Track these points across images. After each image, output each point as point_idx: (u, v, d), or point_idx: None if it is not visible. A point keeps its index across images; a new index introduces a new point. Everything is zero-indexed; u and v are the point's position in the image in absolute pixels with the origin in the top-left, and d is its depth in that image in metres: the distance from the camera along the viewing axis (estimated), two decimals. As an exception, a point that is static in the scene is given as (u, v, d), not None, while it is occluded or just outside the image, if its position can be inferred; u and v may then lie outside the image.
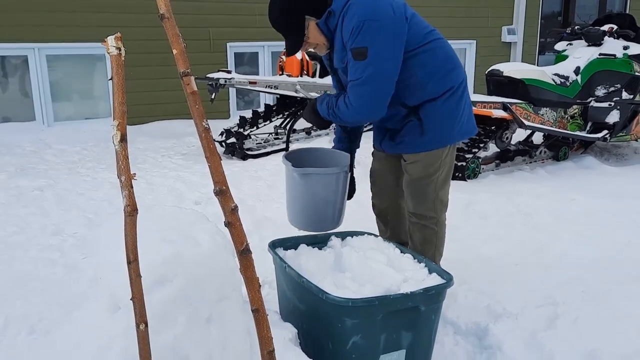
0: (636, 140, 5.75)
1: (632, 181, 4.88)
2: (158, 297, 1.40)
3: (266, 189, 4.55)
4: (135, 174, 1.21)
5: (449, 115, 2.23)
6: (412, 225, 2.43)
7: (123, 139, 1.19)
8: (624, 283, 2.84)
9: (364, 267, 2.06)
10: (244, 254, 1.23)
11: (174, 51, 1.21)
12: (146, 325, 1.16)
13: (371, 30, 1.97)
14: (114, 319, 1.47)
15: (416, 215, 2.39)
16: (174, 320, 1.43)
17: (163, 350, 1.37)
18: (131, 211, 1.18)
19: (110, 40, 1.17)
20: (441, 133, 2.25)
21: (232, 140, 5.77)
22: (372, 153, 2.65)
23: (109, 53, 1.19)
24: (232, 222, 1.23)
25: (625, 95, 5.24)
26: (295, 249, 2.18)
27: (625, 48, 5.27)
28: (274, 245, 2.16)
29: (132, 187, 1.20)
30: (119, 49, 1.18)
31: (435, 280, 1.95)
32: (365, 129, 2.66)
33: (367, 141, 2.68)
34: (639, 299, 2.67)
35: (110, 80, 1.21)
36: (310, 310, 1.89)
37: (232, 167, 5.23)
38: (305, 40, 2.14)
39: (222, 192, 1.23)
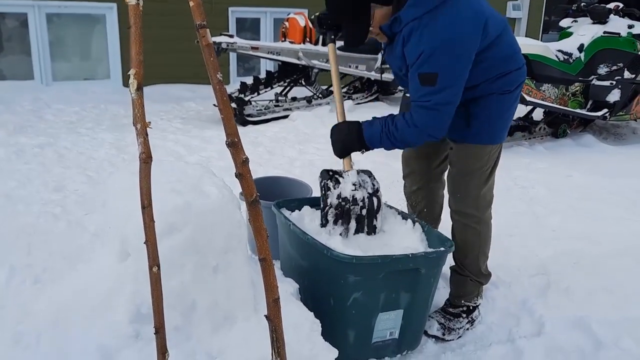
0: (635, 120, 5.79)
1: (629, 160, 4.94)
2: (167, 245, 1.44)
3: (266, 155, 4.58)
4: (150, 122, 1.23)
5: (499, 115, 2.08)
6: (454, 224, 2.26)
7: (139, 88, 1.21)
8: (614, 256, 2.92)
9: (365, 229, 2.10)
10: (254, 204, 1.26)
11: (191, 3, 1.22)
12: (159, 268, 1.20)
13: (443, 57, 1.79)
14: (124, 265, 1.52)
15: (457, 212, 2.22)
16: (182, 267, 1.47)
17: (171, 296, 1.42)
18: (146, 158, 1.21)
19: (129, -11, 1.18)
20: (488, 130, 2.08)
21: (233, 105, 5.76)
22: None
23: (127, 2, 1.19)
24: (243, 173, 1.26)
25: (627, 74, 5.25)
26: (300, 210, 2.22)
27: (630, 27, 5.25)
28: (279, 205, 2.19)
29: (147, 135, 1.22)
30: (137, -2, 1.19)
31: (433, 245, 2.01)
32: None
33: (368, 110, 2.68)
34: (627, 270, 2.75)
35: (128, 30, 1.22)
36: (313, 267, 1.94)
37: (232, 133, 5.23)
38: (370, 30, 1.93)
39: (234, 143, 1.25)
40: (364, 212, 2.07)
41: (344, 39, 2.05)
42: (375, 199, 2.08)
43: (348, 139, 2.06)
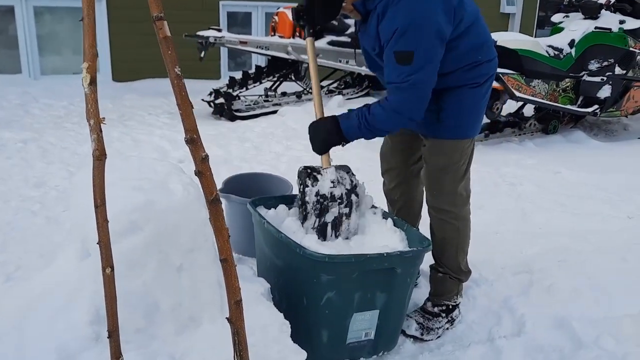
0: (626, 116, 5.75)
1: (618, 157, 4.92)
2: (128, 244, 1.40)
3: (253, 150, 4.53)
4: (104, 118, 1.19)
5: (469, 109, 2.06)
6: (432, 220, 2.25)
7: (92, 82, 1.17)
8: (600, 253, 2.89)
9: (342, 227, 2.06)
10: (214, 203, 1.22)
11: (148, -6, 1.17)
12: (112, 270, 1.15)
13: (419, 34, 1.77)
14: (85, 265, 1.47)
15: (434, 209, 2.21)
16: (144, 267, 1.43)
17: (133, 296, 1.38)
18: (99, 155, 1.17)
19: (81, -22, 1.13)
20: (459, 125, 2.06)
21: (221, 100, 5.70)
22: None
23: (79, -8, 1.15)
24: (203, 171, 1.22)
25: (618, 70, 5.21)
26: (276, 209, 2.17)
27: (622, 22, 5.21)
28: (254, 203, 2.15)
29: (101, 131, 1.18)
30: (90, -13, 1.14)
31: (413, 244, 1.97)
32: None
33: (359, 105, 2.63)
34: (613, 268, 2.72)
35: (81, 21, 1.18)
36: (287, 266, 1.90)
37: (220, 128, 5.19)
38: (343, 6, 1.90)
39: (193, 140, 1.21)
40: (342, 210, 2.03)
41: (315, 15, 2.01)
42: (353, 195, 2.05)
43: (327, 134, 2.03)
